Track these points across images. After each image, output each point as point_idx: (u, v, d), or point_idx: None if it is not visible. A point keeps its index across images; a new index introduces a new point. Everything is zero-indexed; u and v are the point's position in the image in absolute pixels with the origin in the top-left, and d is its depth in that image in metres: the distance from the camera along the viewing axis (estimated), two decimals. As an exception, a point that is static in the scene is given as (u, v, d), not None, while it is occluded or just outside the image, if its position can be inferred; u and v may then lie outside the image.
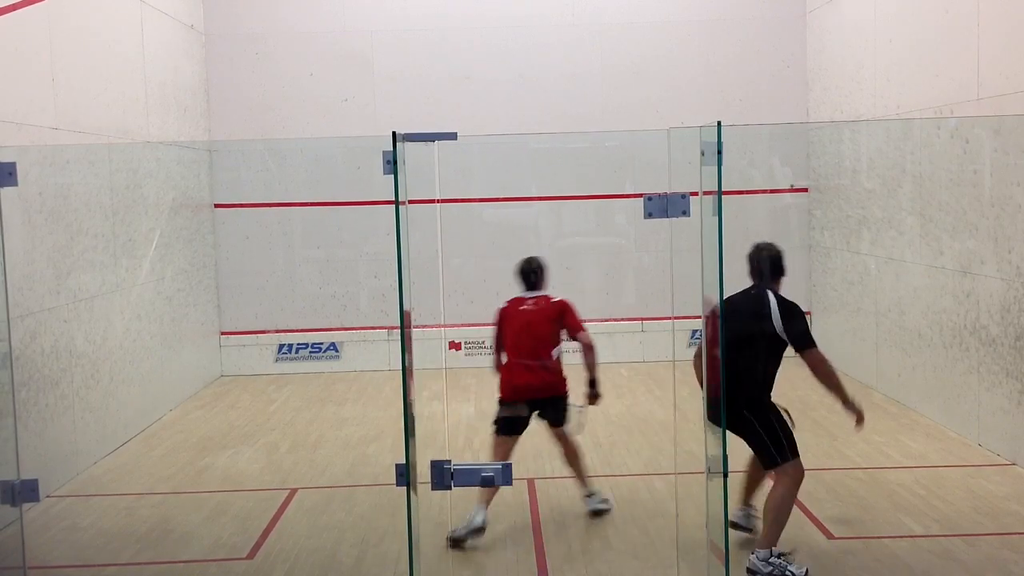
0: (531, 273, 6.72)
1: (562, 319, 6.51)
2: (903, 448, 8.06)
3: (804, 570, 5.51)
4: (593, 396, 6.51)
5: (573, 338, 6.49)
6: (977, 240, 7.95)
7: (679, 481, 7.19)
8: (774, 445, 5.63)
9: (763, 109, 11.91)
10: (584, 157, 12.06)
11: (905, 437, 8.37)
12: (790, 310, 5.77)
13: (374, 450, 8.48)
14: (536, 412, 6.50)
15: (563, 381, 6.52)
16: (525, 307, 6.57)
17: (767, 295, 5.80)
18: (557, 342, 6.48)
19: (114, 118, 9.06)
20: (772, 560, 5.50)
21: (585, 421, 6.75)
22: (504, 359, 6.55)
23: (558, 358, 6.47)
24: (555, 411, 6.53)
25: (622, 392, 10.36)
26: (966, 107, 8.15)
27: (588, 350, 6.43)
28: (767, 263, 5.92)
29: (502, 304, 6.67)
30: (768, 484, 5.84)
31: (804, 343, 5.70)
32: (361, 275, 12.01)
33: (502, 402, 6.49)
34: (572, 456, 6.69)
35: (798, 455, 5.68)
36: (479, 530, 6.18)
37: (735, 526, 6.05)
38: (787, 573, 5.46)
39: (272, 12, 11.94)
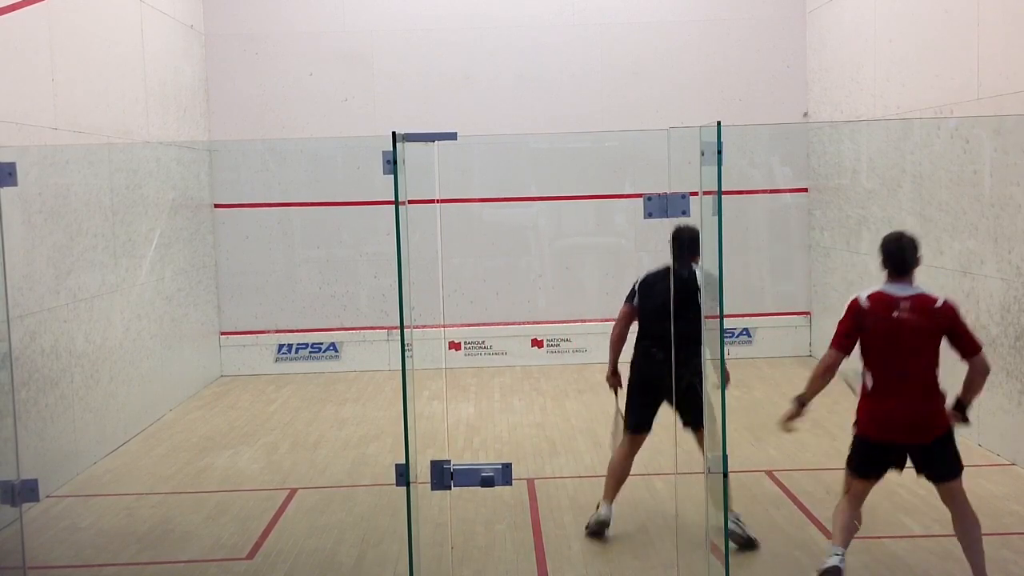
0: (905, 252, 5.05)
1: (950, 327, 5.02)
2: (903, 448, 8.05)
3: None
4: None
5: (964, 358, 5.09)
6: (977, 240, 7.94)
7: (679, 481, 7.19)
8: None
9: (763, 109, 11.91)
10: (584, 157, 12.06)
11: (905, 437, 8.36)
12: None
13: (374, 450, 8.47)
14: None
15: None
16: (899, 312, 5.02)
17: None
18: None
19: (114, 118, 9.06)
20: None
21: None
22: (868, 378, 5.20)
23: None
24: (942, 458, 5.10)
25: (622, 392, 10.34)
26: (966, 107, 8.15)
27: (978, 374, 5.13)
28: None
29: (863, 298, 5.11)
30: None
31: None
32: (361, 275, 12.01)
33: (865, 440, 5.22)
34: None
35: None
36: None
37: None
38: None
39: (272, 12, 11.94)
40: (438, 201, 6.12)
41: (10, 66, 7.26)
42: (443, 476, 4.05)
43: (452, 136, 4.37)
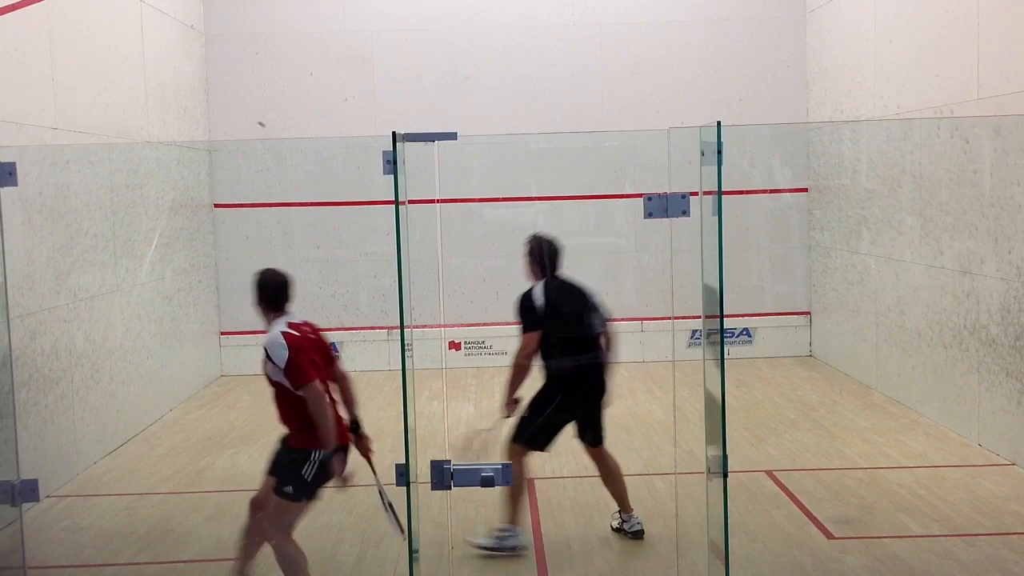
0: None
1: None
2: (903, 448, 8.07)
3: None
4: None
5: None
6: (977, 240, 7.95)
7: (679, 481, 7.20)
8: None
9: (763, 109, 11.91)
10: (584, 157, 12.05)
11: (905, 437, 8.37)
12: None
13: (374, 450, 8.45)
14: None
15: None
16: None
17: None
18: None
19: (114, 118, 9.06)
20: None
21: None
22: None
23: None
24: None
25: (622, 392, 10.35)
26: (966, 107, 8.15)
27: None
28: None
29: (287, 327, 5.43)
30: None
31: None
32: (361, 275, 12.01)
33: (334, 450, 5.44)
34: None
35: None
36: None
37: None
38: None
39: (272, 12, 11.93)
40: (438, 201, 6.12)
41: (10, 66, 7.26)
42: (443, 476, 4.04)
43: (452, 136, 4.37)
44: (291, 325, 5.38)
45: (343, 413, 5.61)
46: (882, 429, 8.62)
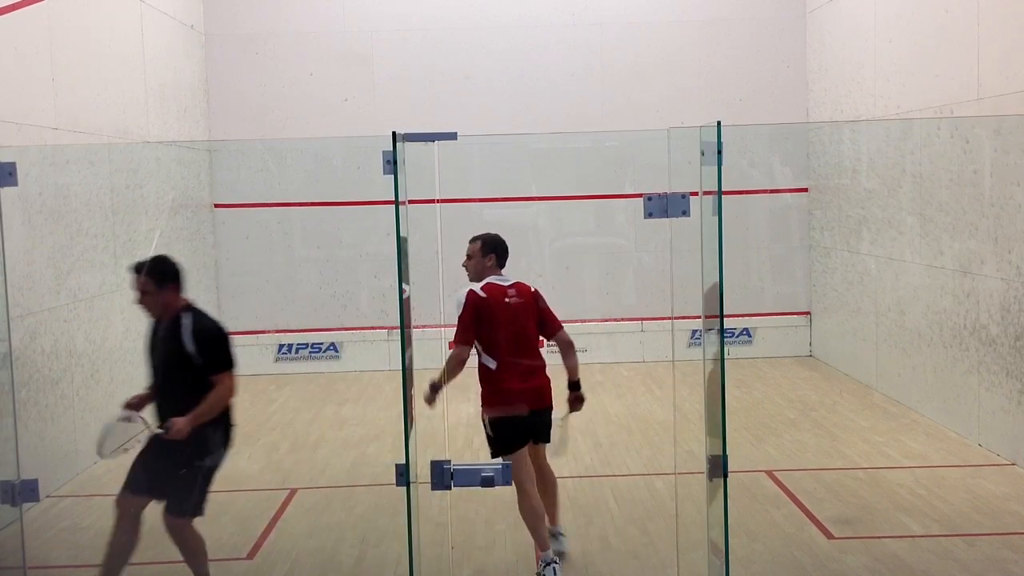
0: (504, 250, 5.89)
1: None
2: (903, 448, 8.07)
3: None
4: (577, 399, 5.93)
5: (550, 337, 5.94)
6: (977, 240, 7.95)
7: (679, 481, 7.19)
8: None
9: (763, 109, 11.91)
10: (584, 157, 12.05)
11: (905, 437, 8.37)
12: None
13: (374, 450, 8.47)
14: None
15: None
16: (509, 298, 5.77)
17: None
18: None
19: (114, 118, 9.06)
20: None
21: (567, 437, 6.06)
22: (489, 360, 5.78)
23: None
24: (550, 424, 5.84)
25: (622, 392, 10.36)
26: (966, 107, 8.15)
27: (570, 348, 5.91)
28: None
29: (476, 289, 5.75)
30: None
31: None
32: (361, 275, 12.01)
33: (502, 420, 5.65)
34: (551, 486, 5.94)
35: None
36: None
37: None
38: None
39: (272, 12, 11.94)
40: (438, 201, 6.13)
41: (10, 66, 7.26)
42: (443, 476, 4.05)
43: (452, 136, 4.37)
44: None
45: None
46: (882, 429, 8.62)
